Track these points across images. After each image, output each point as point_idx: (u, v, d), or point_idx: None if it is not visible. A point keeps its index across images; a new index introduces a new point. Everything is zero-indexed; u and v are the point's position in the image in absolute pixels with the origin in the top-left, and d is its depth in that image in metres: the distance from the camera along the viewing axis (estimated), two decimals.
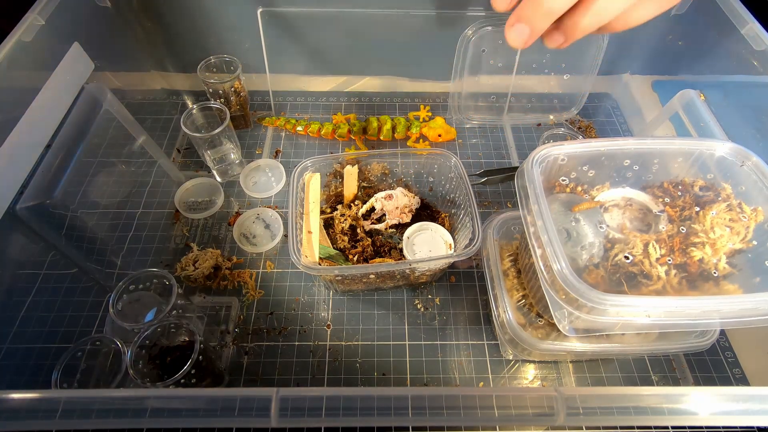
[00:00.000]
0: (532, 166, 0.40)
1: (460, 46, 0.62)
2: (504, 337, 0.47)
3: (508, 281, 0.49)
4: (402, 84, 0.77)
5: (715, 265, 0.39)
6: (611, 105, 0.77)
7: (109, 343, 0.46)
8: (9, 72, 0.46)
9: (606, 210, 0.44)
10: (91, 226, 0.59)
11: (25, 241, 0.53)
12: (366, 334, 0.52)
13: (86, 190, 0.61)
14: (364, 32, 0.68)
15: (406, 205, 0.56)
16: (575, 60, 0.67)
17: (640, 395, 0.28)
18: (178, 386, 0.39)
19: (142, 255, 0.58)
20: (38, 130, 0.51)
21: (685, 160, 0.44)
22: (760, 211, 0.40)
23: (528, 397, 0.29)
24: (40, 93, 0.50)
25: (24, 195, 0.49)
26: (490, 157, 0.70)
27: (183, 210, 0.62)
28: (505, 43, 0.33)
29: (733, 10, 0.54)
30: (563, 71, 0.68)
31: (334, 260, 0.52)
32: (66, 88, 0.55)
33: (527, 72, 0.67)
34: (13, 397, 0.28)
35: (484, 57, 0.64)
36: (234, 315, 0.53)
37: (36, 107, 0.49)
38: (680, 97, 0.61)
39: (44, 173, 0.52)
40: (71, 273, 0.55)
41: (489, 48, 0.63)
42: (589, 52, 0.66)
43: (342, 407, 0.28)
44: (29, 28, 0.48)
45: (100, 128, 0.60)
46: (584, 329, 0.40)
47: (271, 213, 0.62)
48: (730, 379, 0.50)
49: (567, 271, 0.34)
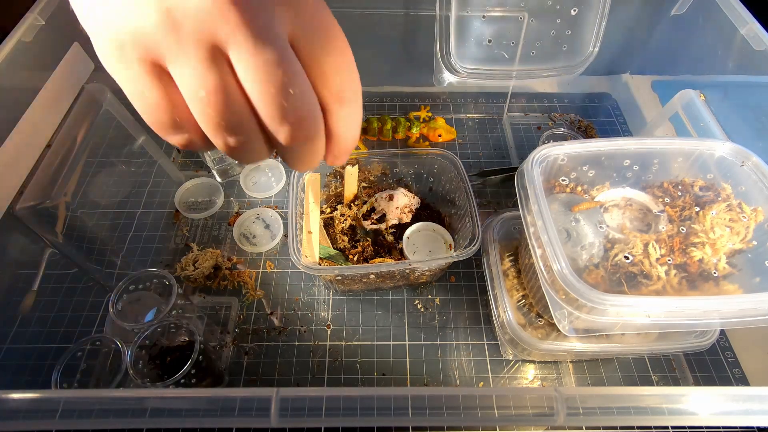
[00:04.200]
0: (532, 166, 0.40)
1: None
2: (504, 337, 0.47)
3: (508, 281, 0.49)
4: (402, 84, 0.77)
5: (715, 265, 0.39)
6: (611, 105, 0.77)
7: (109, 343, 0.46)
8: (9, 72, 0.46)
9: (606, 210, 0.44)
10: (91, 226, 0.59)
11: (25, 241, 0.53)
12: (366, 334, 0.52)
13: (86, 190, 0.61)
14: (364, 32, 0.68)
15: (406, 205, 0.56)
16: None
17: (640, 395, 0.28)
18: (178, 386, 0.39)
19: (142, 255, 0.58)
20: (38, 130, 0.51)
21: (685, 160, 0.44)
22: (760, 211, 0.40)
23: (528, 397, 0.29)
24: (40, 93, 0.50)
25: (24, 195, 0.49)
26: (490, 158, 0.69)
27: (183, 210, 0.62)
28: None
29: (733, 10, 0.54)
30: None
31: (334, 260, 0.52)
32: (66, 88, 0.55)
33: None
34: (13, 397, 0.28)
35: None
36: (234, 315, 0.53)
37: (36, 107, 0.49)
38: (680, 97, 0.61)
39: (44, 173, 0.52)
40: (71, 273, 0.55)
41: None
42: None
43: (342, 407, 0.28)
44: (29, 28, 0.48)
45: (100, 128, 0.60)
46: (584, 329, 0.40)
47: (271, 213, 0.62)
48: (730, 379, 0.50)
49: (567, 271, 0.34)
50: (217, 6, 0.19)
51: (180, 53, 0.21)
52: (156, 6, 0.19)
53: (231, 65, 0.21)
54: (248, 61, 0.21)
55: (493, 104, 0.77)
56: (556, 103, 0.77)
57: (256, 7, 0.20)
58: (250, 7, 0.20)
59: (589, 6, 0.61)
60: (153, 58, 0.21)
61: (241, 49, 0.20)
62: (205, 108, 0.22)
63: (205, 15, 0.20)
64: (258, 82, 0.21)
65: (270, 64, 0.21)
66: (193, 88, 0.21)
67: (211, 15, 0.20)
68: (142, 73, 0.21)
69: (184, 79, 0.21)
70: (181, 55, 0.21)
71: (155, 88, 0.22)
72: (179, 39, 0.20)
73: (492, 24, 0.63)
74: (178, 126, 0.23)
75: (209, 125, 0.22)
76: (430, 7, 0.63)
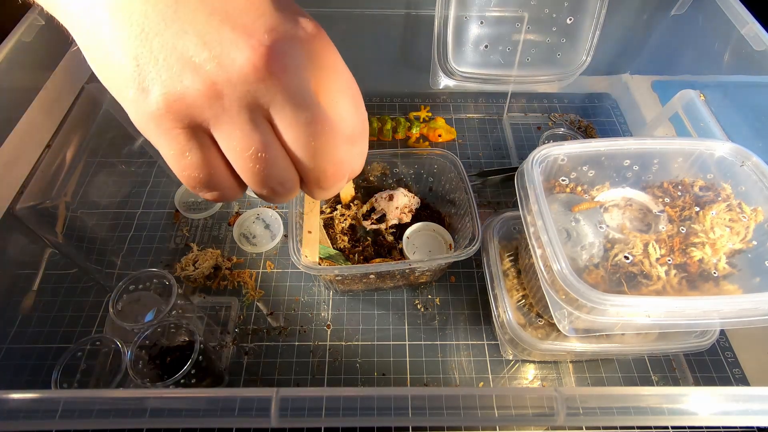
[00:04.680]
0: (532, 166, 0.40)
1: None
2: (504, 337, 0.47)
3: (508, 281, 0.48)
4: (402, 84, 0.77)
5: (715, 265, 0.39)
6: (611, 105, 0.77)
7: (109, 343, 0.46)
8: (9, 72, 0.46)
9: (606, 210, 0.44)
10: (91, 226, 0.59)
11: (25, 241, 0.53)
12: (366, 334, 0.52)
13: (86, 190, 0.61)
14: (364, 32, 0.68)
15: (406, 205, 0.56)
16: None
17: (640, 395, 0.28)
18: (178, 386, 0.39)
19: (142, 255, 0.58)
20: (38, 130, 0.51)
21: (685, 160, 0.44)
22: (760, 211, 0.40)
23: (528, 397, 0.29)
24: (40, 93, 0.50)
25: (24, 195, 0.49)
26: (490, 157, 0.70)
27: (183, 210, 0.62)
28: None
29: (733, 10, 0.54)
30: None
31: (334, 260, 0.52)
32: (66, 88, 0.55)
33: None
34: (13, 397, 0.28)
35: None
36: (234, 315, 0.53)
37: (36, 107, 0.49)
38: (680, 97, 0.61)
39: (44, 173, 0.52)
40: (71, 273, 0.55)
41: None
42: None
43: (342, 407, 0.28)
44: (29, 28, 0.48)
45: (100, 128, 0.60)
46: (584, 329, 0.40)
47: (271, 213, 0.62)
48: (730, 379, 0.50)
49: (567, 271, 0.34)
50: (257, 75, 0.21)
51: (225, 118, 0.22)
52: (201, 81, 0.21)
53: (272, 124, 0.23)
54: (290, 121, 0.22)
55: (493, 104, 0.77)
56: (556, 103, 0.77)
57: (293, 70, 0.22)
58: (288, 71, 0.22)
59: (585, 15, 0.62)
60: (197, 123, 0.22)
61: (282, 110, 0.22)
62: (254, 165, 0.23)
63: (248, 84, 0.21)
64: (300, 138, 0.23)
65: (309, 123, 0.23)
66: (240, 148, 0.23)
67: (254, 83, 0.21)
68: (185, 138, 0.23)
69: (231, 141, 0.23)
70: (227, 119, 0.22)
71: (199, 150, 0.23)
72: (224, 106, 0.22)
73: (489, 29, 0.64)
74: (214, 184, 0.25)
75: (255, 180, 0.24)
76: (430, 7, 0.63)
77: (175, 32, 0.21)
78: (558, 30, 0.63)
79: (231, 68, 0.21)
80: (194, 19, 0.21)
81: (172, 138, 0.23)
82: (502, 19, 0.63)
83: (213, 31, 0.21)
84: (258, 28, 0.21)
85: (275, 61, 0.21)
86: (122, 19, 0.21)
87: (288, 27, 0.22)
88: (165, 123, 0.22)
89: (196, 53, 0.21)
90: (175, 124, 0.22)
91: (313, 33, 0.23)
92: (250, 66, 0.21)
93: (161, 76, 0.21)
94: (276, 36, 0.22)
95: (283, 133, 0.23)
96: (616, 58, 0.72)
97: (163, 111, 0.22)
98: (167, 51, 0.21)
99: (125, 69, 0.21)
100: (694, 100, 0.59)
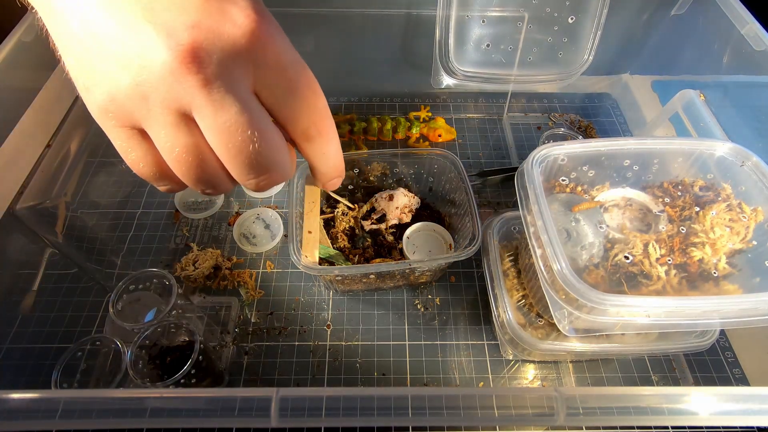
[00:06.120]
0: (532, 166, 0.40)
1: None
2: (504, 337, 0.47)
3: (508, 281, 0.48)
4: (402, 84, 0.77)
5: (715, 265, 0.39)
6: (611, 105, 0.77)
7: (109, 343, 0.46)
8: (9, 72, 0.46)
9: (606, 210, 0.44)
10: (91, 226, 0.59)
11: (25, 241, 0.53)
12: (366, 334, 0.52)
13: (86, 190, 0.62)
14: (364, 32, 0.68)
15: (406, 205, 0.56)
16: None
17: (640, 395, 0.28)
18: (178, 386, 0.39)
19: (142, 255, 0.58)
20: (38, 130, 0.51)
21: (685, 160, 0.44)
22: (760, 211, 0.40)
23: (528, 397, 0.29)
24: (40, 93, 0.50)
25: (24, 195, 0.49)
26: (490, 158, 0.70)
27: (183, 210, 0.62)
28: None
29: (733, 10, 0.54)
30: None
31: (334, 260, 0.52)
32: (66, 88, 0.55)
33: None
34: (13, 397, 0.28)
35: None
36: (234, 315, 0.53)
37: (36, 107, 0.49)
38: (680, 97, 0.61)
39: (44, 173, 0.52)
40: (71, 273, 0.55)
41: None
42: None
43: (342, 407, 0.28)
44: (29, 28, 0.48)
45: (100, 128, 0.60)
46: (584, 329, 0.40)
47: (271, 213, 0.62)
48: (730, 379, 0.50)
49: (567, 271, 0.34)
50: (175, 76, 0.21)
51: (152, 119, 0.23)
52: (129, 83, 0.22)
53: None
54: (209, 123, 0.22)
55: (493, 104, 0.77)
56: (556, 103, 0.77)
57: (213, 71, 0.21)
58: (206, 72, 0.21)
59: (587, 15, 0.62)
60: (132, 123, 0.23)
61: (202, 111, 0.22)
62: (180, 165, 0.24)
63: (167, 85, 0.21)
64: (220, 142, 0.23)
65: (230, 125, 0.22)
66: (167, 148, 0.24)
67: (172, 84, 0.21)
68: (126, 135, 0.24)
69: (159, 141, 0.24)
70: (153, 120, 0.23)
71: (138, 148, 0.25)
72: (149, 107, 0.22)
73: (490, 28, 0.64)
74: (160, 177, 0.26)
75: (185, 178, 0.25)
76: (430, 7, 0.63)
77: (106, 32, 0.21)
78: (560, 29, 0.63)
79: (151, 70, 0.21)
80: (124, 19, 0.21)
81: (116, 135, 0.24)
82: (503, 18, 0.63)
83: (140, 30, 0.21)
84: (179, 26, 0.21)
85: (192, 62, 0.21)
86: (62, 23, 0.22)
87: (212, 22, 0.21)
88: (107, 121, 0.23)
89: (123, 54, 0.21)
90: (116, 123, 0.23)
91: (245, 26, 0.22)
92: (166, 68, 0.21)
93: (95, 77, 0.22)
94: (196, 34, 0.21)
95: (205, 134, 0.23)
96: (616, 57, 0.72)
97: (103, 110, 0.23)
98: (101, 52, 0.21)
99: (73, 69, 0.23)
100: (694, 100, 0.59)
